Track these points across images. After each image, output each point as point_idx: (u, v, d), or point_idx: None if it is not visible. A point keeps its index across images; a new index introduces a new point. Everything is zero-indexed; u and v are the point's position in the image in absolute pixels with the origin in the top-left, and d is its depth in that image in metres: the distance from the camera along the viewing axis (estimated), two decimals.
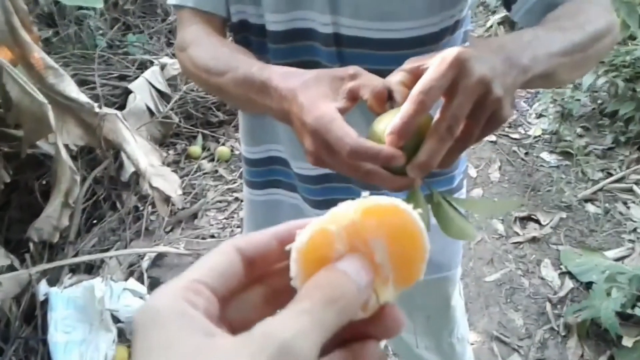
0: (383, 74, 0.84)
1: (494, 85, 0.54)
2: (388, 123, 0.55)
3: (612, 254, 2.48)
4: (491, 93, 0.54)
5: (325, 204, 0.98)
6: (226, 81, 0.74)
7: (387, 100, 0.61)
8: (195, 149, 3.27)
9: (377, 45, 0.81)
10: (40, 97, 2.17)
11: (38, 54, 2.26)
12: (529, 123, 3.54)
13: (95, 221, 2.61)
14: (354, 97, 0.62)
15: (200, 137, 3.35)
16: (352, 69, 0.62)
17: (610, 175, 2.97)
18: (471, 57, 0.54)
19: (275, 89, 0.64)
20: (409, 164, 0.55)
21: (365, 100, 0.61)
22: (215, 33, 0.86)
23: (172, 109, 3.12)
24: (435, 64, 0.54)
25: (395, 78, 0.60)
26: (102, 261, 2.38)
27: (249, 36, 0.88)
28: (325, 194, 0.96)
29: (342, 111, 0.59)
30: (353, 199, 0.31)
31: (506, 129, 3.49)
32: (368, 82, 0.61)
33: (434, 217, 0.62)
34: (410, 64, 0.61)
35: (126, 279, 2.29)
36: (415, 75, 0.59)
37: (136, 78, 3.17)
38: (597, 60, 0.76)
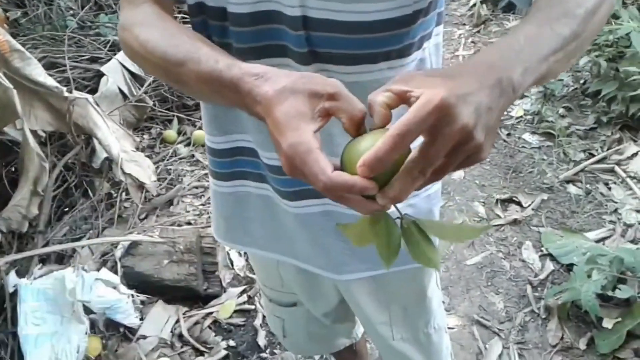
0: (354, 58, 0.79)
1: (476, 132, 0.53)
2: (365, 147, 0.54)
3: (593, 235, 2.47)
4: (472, 140, 0.53)
5: (297, 195, 0.93)
6: (187, 73, 0.69)
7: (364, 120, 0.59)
8: (171, 133, 3.20)
9: (347, 28, 0.76)
10: (5, 82, 2.08)
11: (3, 37, 2.18)
12: (512, 104, 3.50)
13: (66, 209, 2.54)
14: (329, 115, 0.58)
15: (175, 120, 3.27)
16: (331, 87, 0.57)
17: (592, 155, 2.95)
18: (457, 102, 0.51)
19: (247, 92, 0.61)
20: (379, 193, 0.54)
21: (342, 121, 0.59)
22: (170, 16, 0.80)
23: (146, 92, 3.03)
24: (419, 105, 0.51)
25: (379, 99, 0.56)
26: (74, 251, 2.32)
27: (207, 20, 0.82)
28: (297, 184, 0.91)
29: (317, 130, 0.57)
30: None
31: None
32: (347, 106, 0.57)
33: (404, 241, 0.62)
34: (397, 85, 0.56)
35: (99, 269, 2.24)
36: (401, 98, 0.55)
37: (108, 60, 3.08)
38: (595, 35, 0.72)
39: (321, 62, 0.79)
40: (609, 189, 2.74)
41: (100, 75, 3.01)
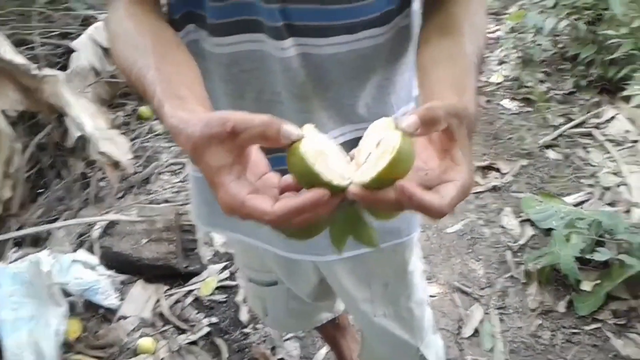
0: (332, 29, 0.76)
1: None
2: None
3: (571, 199, 2.48)
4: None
5: None
6: (142, 94, 0.67)
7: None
8: (146, 109, 3.13)
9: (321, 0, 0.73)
10: None
11: None
12: (491, 70, 3.48)
13: (40, 190, 2.49)
14: (244, 149, 0.55)
15: None
16: (227, 124, 0.52)
17: (571, 120, 2.95)
18: (472, 182, 0.56)
19: (176, 141, 0.58)
20: (356, 189, 0.52)
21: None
22: (140, 11, 0.75)
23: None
24: (461, 189, 0.54)
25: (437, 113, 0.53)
26: (49, 233, 2.28)
27: None
28: (276, 163, 0.90)
29: (242, 172, 0.54)
30: None
31: None
32: (251, 130, 0.52)
33: (348, 222, 0.61)
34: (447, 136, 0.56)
35: (75, 250, 2.21)
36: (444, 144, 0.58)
37: (79, 35, 2.99)
38: None
39: (297, 35, 0.76)
40: (587, 152, 2.75)
41: (71, 51, 2.93)
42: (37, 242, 2.30)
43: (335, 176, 0.52)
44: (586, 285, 2.04)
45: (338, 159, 0.55)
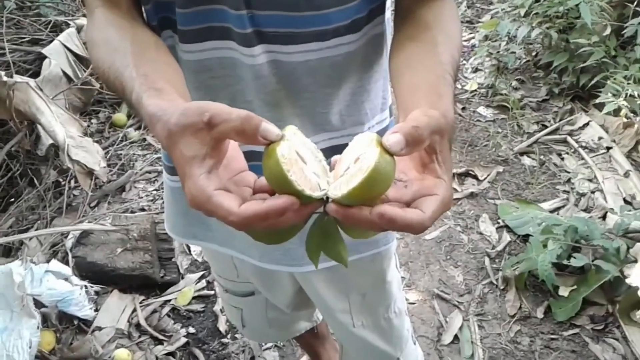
0: (302, 36, 0.75)
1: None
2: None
3: (547, 205, 2.51)
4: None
5: None
6: (120, 95, 0.66)
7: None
8: (120, 116, 3.08)
9: (291, 5, 0.72)
10: None
11: None
12: (466, 78, 3.51)
13: (11, 200, 2.43)
14: (221, 143, 0.53)
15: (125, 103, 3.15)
16: (205, 115, 0.51)
17: (545, 127, 2.99)
18: (451, 195, 0.55)
19: (153, 132, 0.58)
20: (334, 206, 0.51)
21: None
22: (118, 15, 0.75)
23: (92, 74, 2.90)
24: (441, 205, 0.53)
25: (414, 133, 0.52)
26: (21, 243, 2.23)
27: (158, 1, 0.78)
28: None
29: (211, 170, 0.52)
30: None
31: None
32: (229, 123, 0.51)
33: (320, 237, 0.59)
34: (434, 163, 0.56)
35: (48, 261, 2.15)
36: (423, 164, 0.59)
37: (50, 42, 2.93)
38: None
39: (267, 42, 0.75)
40: (562, 159, 2.78)
41: (43, 58, 2.87)
42: (9, 252, 2.24)
43: (308, 185, 0.50)
44: (563, 291, 2.06)
45: (316, 167, 0.54)
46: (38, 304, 2.03)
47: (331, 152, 0.91)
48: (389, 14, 0.84)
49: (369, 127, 0.90)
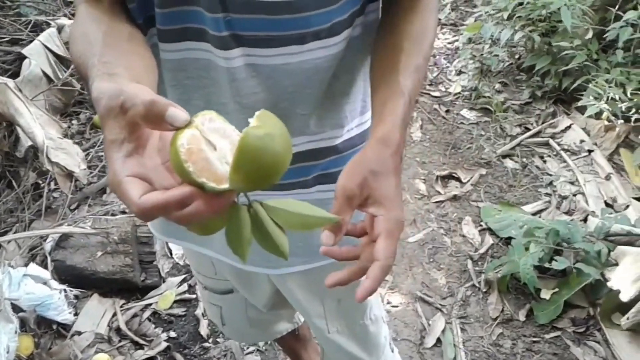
0: (280, 40, 0.74)
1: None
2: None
3: (529, 208, 2.52)
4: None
5: None
6: (81, 74, 0.66)
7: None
8: None
9: (268, 9, 0.70)
10: None
11: None
12: (449, 80, 3.52)
13: None
14: (135, 127, 0.52)
15: None
16: (118, 99, 0.50)
17: (528, 130, 3.00)
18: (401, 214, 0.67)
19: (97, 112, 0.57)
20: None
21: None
22: (100, 11, 0.74)
23: (72, 75, 2.86)
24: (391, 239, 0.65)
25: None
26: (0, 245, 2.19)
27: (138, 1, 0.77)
28: None
29: (134, 152, 0.51)
30: None
31: (427, 87, 3.46)
32: (136, 108, 0.50)
33: (253, 228, 0.57)
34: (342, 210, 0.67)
35: (27, 264, 2.12)
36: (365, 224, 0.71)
37: (30, 42, 2.88)
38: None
39: (245, 45, 0.74)
40: (544, 162, 2.80)
41: (22, 58, 2.82)
42: None
43: (212, 176, 0.48)
44: (545, 294, 2.07)
45: (230, 157, 0.50)
46: (16, 308, 1.99)
47: (311, 155, 0.90)
48: (371, 16, 0.83)
49: (348, 129, 0.89)
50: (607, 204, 2.44)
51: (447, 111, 3.24)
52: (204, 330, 2.08)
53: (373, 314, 1.17)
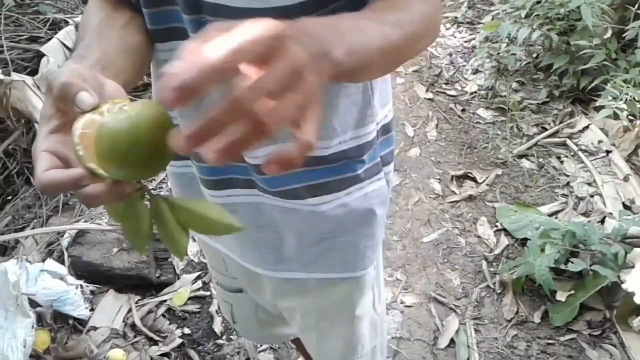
0: None
1: (311, 75, 0.45)
2: (85, 122, 0.49)
3: (546, 209, 2.49)
4: (305, 83, 0.44)
5: (219, 184, 0.90)
6: None
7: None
8: None
9: (244, 15, 0.69)
10: None
11: None
12: (466, 79, 3.50)
13: (8, 198, 2.42)
14: (62, 109, 0.53)
15: None
16: (49, 78, 0.53)
17: (545, 130, 2.98)
18: (290, 39, 0.44)
19: None
20: (180, 135, 0.41)
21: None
22: (109, 3, 0.76)
23: None
24: (254, 25, 0.42)
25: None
26: (17, 241, 2.22)
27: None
28: (219, 172, 0.89)
29: (59, 129, 0.53)
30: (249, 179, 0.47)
31: (443, 86, 3.44)
32: (55, 91, 0.51)
33: (154, 223, 0.55)
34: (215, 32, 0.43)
35: (44, 260, 2.15)
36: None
37: (49, 40, 2.91)
38: (410, 59, 0.73)
39: None
40: (561, 162, 2.77)
41: (41, 55, 2.85)
42: (5, 251, 2.23)
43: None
44: (561, 296, 2.05)
45: None
46: (33, 304, 2.02)
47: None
48: None
49: (339, 141, 0.84)
50: (625, 206, 2.41)
51: (463, 110, 3.22)
52: (217, 327, 2.09)
53: (365, 350, 1.13)
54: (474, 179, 2.74)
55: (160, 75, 0.43)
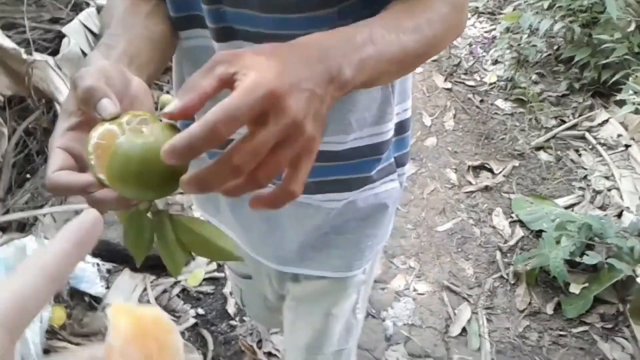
0: (273, 38, 0.68)
1: (307, 125, 0.47)
2: (102, 133, 0.48)
3: (562, 201, 2.48)
4: (303, 134, 0.47)
5: None
6: None
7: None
8: None
9: (259, 6, 0.69)
10: None
11: None
12: (485, 70, 3.47)
13: (27, 176, 2.45)
14: (82, 110, 0.53)
15: None
16: (75, 75, 0.52)
17: (564, 122, 2.95)
18: (289, 91, 0.45)
19: None
20: (184, 178, 0.45)
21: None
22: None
23: None
24: (246, 89, 0.44)
25: (204, 83, 0.46)
26: (36, 219, 2.24)
27: None
28: None
29: (78, 126, 0.52)
30: None
31: (462, 76, 3.42)
32: (78, 94, 0.51)
33: (156, 237, 0.56)
34: (222, 67, 0.46)
35: None
36: (225, 83, 0.46)
37: (70, 21, 2.93)
38: (430, 59, 0.72)
39: (238, 39, 0.73)
40: (579, 155, 2.75)
41: (62, 36, 2.88)
42: (23, 227, 2.26)
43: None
44: (574, 288, 2.05)
45: None
46: None
47: None
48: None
49: (354, 137, 0.83)
50: None
51: (481, 101, 3.20)
52: (231, 308, 2.12)
53: (330, 352, 1.13)
54: (490, 170, 2.73)
55: (161, 109, 0.46)
